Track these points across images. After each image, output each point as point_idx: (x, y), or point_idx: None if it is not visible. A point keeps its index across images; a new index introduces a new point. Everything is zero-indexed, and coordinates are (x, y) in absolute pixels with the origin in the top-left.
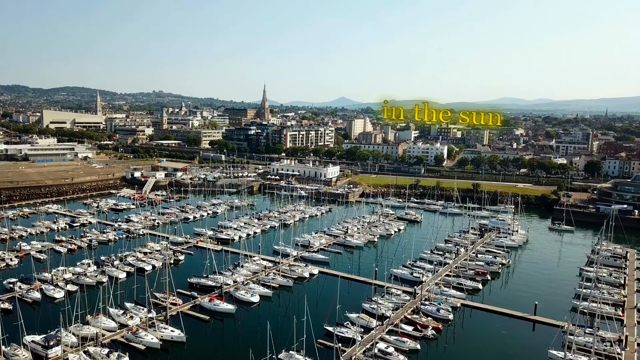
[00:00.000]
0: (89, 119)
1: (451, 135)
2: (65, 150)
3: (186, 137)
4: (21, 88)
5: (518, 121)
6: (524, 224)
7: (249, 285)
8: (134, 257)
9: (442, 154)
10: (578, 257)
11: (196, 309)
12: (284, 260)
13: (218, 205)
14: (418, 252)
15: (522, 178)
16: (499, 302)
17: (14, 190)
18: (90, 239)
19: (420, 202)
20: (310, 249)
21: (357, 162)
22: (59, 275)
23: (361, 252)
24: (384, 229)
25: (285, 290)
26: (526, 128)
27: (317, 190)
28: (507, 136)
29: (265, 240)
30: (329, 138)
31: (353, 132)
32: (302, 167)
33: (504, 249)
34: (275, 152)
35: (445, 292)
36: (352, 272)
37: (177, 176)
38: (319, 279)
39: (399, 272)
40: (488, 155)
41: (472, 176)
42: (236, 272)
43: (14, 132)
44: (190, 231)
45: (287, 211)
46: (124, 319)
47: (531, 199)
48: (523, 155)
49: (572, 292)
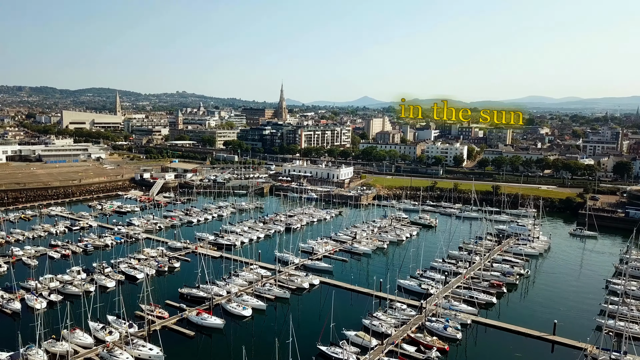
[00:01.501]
0: (107, 119)
1: (472, 135)
2: (78, 151)
3: (201, 137)
4: (49, 90)
5: (544, 120)
6: (546, 229)
7: (242, 297)
8: (127, 263)
9: (462, 154)
10: (604, 268)
11: (183, 323)
12: (284, 269)
13: (224, 208)
14: (429, 261)
15: (546, 180)
16: (514, 319)
17: (21, 192)
18: (86, 244)
19: (437, 205)
20: (314, 256)
21: (372, 162)
22: (45, 284)
23: (369, 260)
24: (395, 234)
25: (281, 302)
26: (552, 127)
27: (329, 193)
28: (532, 135)
29: (268, 246)
30: (346, 138)
31: (371, 131)
32: (315, 168)
33: (522, 258)
34: (290, 153)
35: (455, 306)
36: (355, 283)
37: (186, 177)
38: (319, 290)
39: (406, 283)
40: (510, 156)
41: (493, 178)
42: (231, 281)
43: (34, 132)
44: (192, 235)
45: (294, 215)
46: (102, 334)
47: (555, 202)
48: (547, 156)
49: (596, 308)
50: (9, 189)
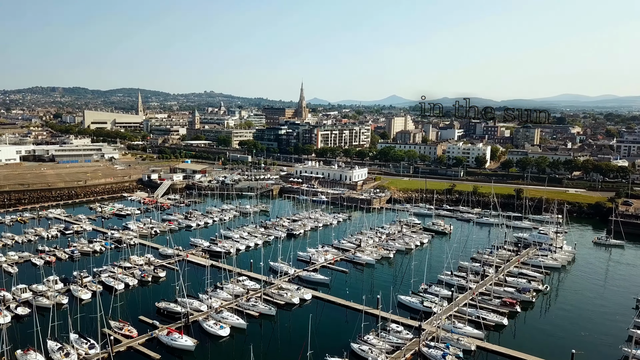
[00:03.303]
0: (128, 119)
1: (498, 134)
2: (91, 151)
3: (217, 137)
4: (81, 90)
5: (576, 119)
6: (571, 237)
7: (222, 314)
8: (110, 272)
9: (484, 155)
10: (634, 283)
11: (152, 343)
12: (276, 281)
13: (228, 211)
14: (437, 273)
15: (575, 183)
16: (526, 345)
17: (24, 194)
18: (73, 250)
19: (454, 209)
20: (312, 266)
21: (389, 163)
22: (17, 294)
23: (372, 271)
24: (404, 242)
25: (266, 319)
26: (584, 126)
27: (340, 195)
28: (562, 135)
29: (264, 254)
30: (365, 138)
31: (392, 131)
32: (327, 169)
33: (542, 271)
34: (305, 153)
35: (459, 329)
36: (351, 298)
37: (194, 179)
38: (311, 306)
39: (407, 300)
40: (536, 157)
41: (518, 180)
42: (215, 295)
43: (56, 132)
44: (187, 241)
45: (299, 219)
46: (58, 356)
47: (583, 207)
48: (577, 157)
49: (623, 333)
50: (13, 190)
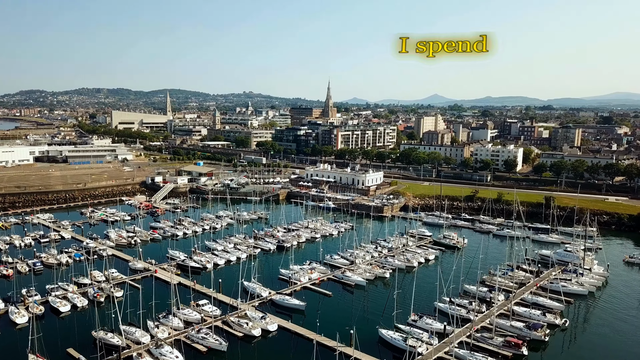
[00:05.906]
0: (155, 119)
1: (535, 135)
2: (105, 151)
3: (235, 137)
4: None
5: (626, 118)
6: (604, 256)
7: (162, 349)
8: (63, 290)
9: (515, 158)
10: None
11: None
12: (243, 306)
13: (223, 218)
14: (433, 300)
15: (617, 190)
16: None
17: (19, 196)
18: (35, 263)
19: (474, 219)
20: (292, 287)
21: (410, 166)
22: None
23: (362, 294)
24: (405, 259)
25: (216, 356)
26: (633, 126)
27: (349, 202)
28: (606, 136)
29: (244, 270)
30: (390, 138)
31: (421, 131)
32: (339, 172)
33: (562, 299)
34: (322, 154)
35: None
36: (323, 331)
37: (200, 182)
38: (275, 339)
39: (388, 336)
40: (572, 160)
41: (552, 186)
42: (165, 322)
43: (83, 132)
44: (164, 253)
45: (296, 229)
46: None
47: (623, 218)
48: (620, 160)
49: None
50: (8, 192)
